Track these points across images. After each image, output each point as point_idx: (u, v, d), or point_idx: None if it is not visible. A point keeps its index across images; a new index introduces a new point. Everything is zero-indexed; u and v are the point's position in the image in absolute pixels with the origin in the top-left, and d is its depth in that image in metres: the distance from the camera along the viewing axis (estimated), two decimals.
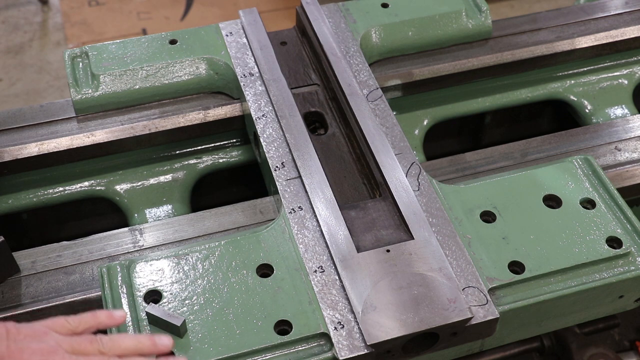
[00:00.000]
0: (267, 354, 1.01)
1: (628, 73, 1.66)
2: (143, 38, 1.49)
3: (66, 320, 0.99)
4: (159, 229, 1.28)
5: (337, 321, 1.02)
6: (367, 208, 1.17)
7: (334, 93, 1.38)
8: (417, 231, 1.12)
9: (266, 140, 1.28)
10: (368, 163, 1.25)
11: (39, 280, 1.21)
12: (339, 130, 1.33)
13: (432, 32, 1.56)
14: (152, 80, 1.43)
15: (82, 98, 1.41)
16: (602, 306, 1.16)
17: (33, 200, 1.42)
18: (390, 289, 1.04)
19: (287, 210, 1.16)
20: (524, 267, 1.09)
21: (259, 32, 1.48)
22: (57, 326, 0.98)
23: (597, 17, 1.66)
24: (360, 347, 0.99)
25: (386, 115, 1.32)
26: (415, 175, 1.22)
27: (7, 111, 1.46)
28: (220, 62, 1.44)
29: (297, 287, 1.07)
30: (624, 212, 1.17)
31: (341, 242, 1.10)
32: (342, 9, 1.55)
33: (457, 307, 1.02)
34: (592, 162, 1.24)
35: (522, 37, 1.61)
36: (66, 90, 3.11)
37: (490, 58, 1.56)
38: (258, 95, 1.36)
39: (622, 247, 1.12)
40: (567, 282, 1.09)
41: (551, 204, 1.18)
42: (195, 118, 1.43)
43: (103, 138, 1.39)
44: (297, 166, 1.22)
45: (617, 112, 1.61)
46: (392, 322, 1.00)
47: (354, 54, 1.44)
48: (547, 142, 1.47)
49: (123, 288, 1.07)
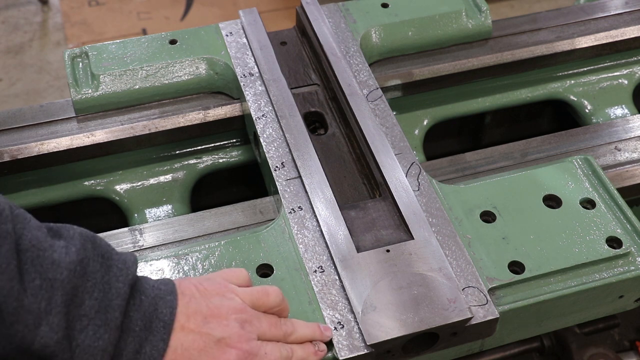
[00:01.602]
0: None
1: (628, 73, 1.66)
2: (143, 38, 1.49)
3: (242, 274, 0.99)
4: (159, 229, 1.28)
5: (337, 321, 1.02)
6: (367, 208, 1.17)
7: (334, 93, 1.38)
8: (417, 231, 1.12)
9: (266, 140, 1.28)
10: (368, 163, 1.25)
11: None
12: (339, 130, 1.33)
13: (432, 32, 1.56)
14: (152, 80, 1.43)
15: (82, 98, 1.41)
16: (602, 306, 1.16)
17: (33, 200, 1.42)
18: (390, 289, 1.04)
19: (287, 210, 1.16)
20: (524, 267, 1.09)
21: (259, 32, 1.48)
22: (233, 278, 0.97)
23: (597, 17, 1.66)
24: (360, 347, 0.99)
25: (386, 115, 1.32)
26: (415, 175, 1.22)
27: (7, 111, 1.46)
28: (220, 62, 1.44)
29: (297, 287, 1.07)
30: (624, 212, 1.17)
31: (341, 242, 1.10)
32: (342, 9, 1.55)
33: (457, 307, 1.02)
34: (592, 162, 1.24)
35: (522, 37, 1.61)
36: (66, 90, 3.10)
37: (490, 58, 1.56)
38: (258, 95, 1.36)
39: (622, 247, 1.12)
40: (567, 282, 1.09)
41: (551, 204, 1.18)
42: (195, 118, 1.43)
43: (103, 138, 1.39)
44: (297, 166, 1.22)
45: (617, 112, 1.61)
46: (392, 322, 1.00)
47: (354, 54, 1.44)
48: (547, 142, 1.47)
49: None
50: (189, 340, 0.86)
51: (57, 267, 0.79)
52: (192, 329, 0.86)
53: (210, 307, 0.89)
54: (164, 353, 0.84)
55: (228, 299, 0.92)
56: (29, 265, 0.77)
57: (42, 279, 0.78)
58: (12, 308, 0.75)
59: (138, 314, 0.84)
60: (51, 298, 0.78)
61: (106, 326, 0.81)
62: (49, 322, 0.77)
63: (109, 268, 0.84)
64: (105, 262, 0.84)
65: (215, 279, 0.95)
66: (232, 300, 0.92)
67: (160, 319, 0.85)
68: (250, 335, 0.90)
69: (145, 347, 0.84)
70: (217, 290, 0.93)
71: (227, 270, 0.99)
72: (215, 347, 0.87)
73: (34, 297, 0.77)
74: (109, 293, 0.82)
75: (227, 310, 0.90)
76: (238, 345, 0.88)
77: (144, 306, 0.85)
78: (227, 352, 0.87)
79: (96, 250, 0.84)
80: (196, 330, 0.86)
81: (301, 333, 0.98)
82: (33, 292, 0.77)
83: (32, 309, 0.76)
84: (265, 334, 0.93)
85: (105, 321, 0.81)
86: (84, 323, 0.80)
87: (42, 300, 0.77)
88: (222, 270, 0.99)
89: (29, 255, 0.78)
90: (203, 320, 0.87)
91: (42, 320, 0.77)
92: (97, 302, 0.81)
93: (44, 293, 0.77)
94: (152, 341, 0.84)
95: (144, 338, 0.84)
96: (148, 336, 0.84)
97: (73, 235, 0.83)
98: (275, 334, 0.95)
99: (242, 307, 0.92)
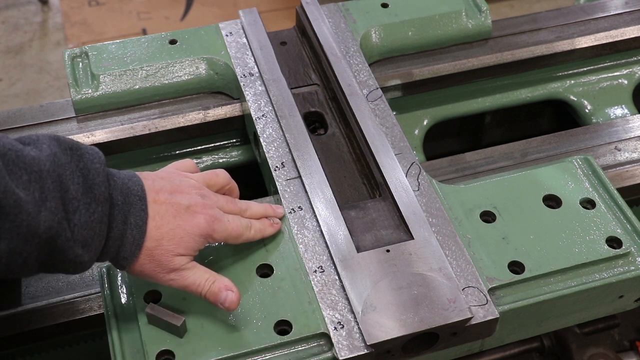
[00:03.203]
0: (266, 354, 1.01)
1: (628, 73, 1.66)
2: (143, 38, 1.49)
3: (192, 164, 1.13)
4: None
5: (337, 321, 1.02)
6: (367, 208, 1.17)
7: (334, 93, 1.38)
8: (417, 231, 1.12)
9: (266, 140, 1.28)
10: (368, 163, 1.25)
11: (39, 280, 1.21)
12: (339, 130, 1.33)
13: (432, 32, 1.56)
14: (152, 80, 1.43)
15: (82, 98, 1.41)
16: (602, 306, 1.16)
17: None
18: (390, 289, 1.04)
19: (287, 210, 1.16)
20: (523, 267, 1.09)
21: (259, 32, 1.48)
22: (182, 167, 1.11)
23: (597, 17, 1.66)
24: (360, 347, 0.99)
25: (386, 115, 1.32)
26: (415, 175, 1.22)
27: (7, 111, 1.46)
28: (220, 62, 1.44)
29: (297, 287, 1.07)
30: (624, 212, 1.17)
31: (341, 242, 1.10)
32: (342, 9, 1.55)
33: (457, 307, 1.02)
34: (592, 162, 1.24)
35: (522, 37, 1.61)
36: (66, 90, 3.10)
37: (490, 58, 1.56)
38: (258, 95, 1.36)
39: (622, 247, 1.12)
40: (567, 282, 1.09)
41: (551, 204, 1.18)
42: (195, 118, 1.43)
43: (103, 138, 1.39)
44: (297, 166, 1.22)
45: (617, 112, 1.61)
46: (392, 322, 1.00)
47: (354, 54, 1.44)
48: (547, 142, 1.47)
49: (123, 288, 1.07)
50: (162, 209, 0.99)
51: (39, 161, 0.87)
52: (163, 201, 1.00)
53: (173, 185, 1.03)
54: (146, 220, 0.97)
55: (186, 179, 1.05)
56: (12, 166, 0.85)
57: (28, 174, 0.86)
58: (12, 201, 0.82)
59: (116, 192, 0.95)
60: (43, 187, 0.86)
61: (96, 202, 0.91)
62: (47, 207, 0.86)
63: (80, 156, 0.93)
64: (75, 153, 0.93)
65: (168, 169, 1.09)
66: (189, 180, 1.06)
67: (134, 194, 0.97)
68: (212, 204, 1.04)
69: (130, 218, 0.96)
70: (173, 175, 1.06)
71: (176, 163, 1.12)
72: (186, 213, 1.00)
73: (27, 190, 0.85)
74: (88, 175, 0.92)
75: (187, 187, 1.04)
76: (204, 211, 1.02)
77: (119, 185, 0.96)
78: (197, 217, 1.01)
79: (62, 145, 0.92)
80: (166, 201, 1.00)
81: (255, 210, 1.12)
82: (25, 186, 0.85)
83: (28, 199, 0.84)
84: (223, 207, 1.06)
85: (94, 198, 0.91)
86: (74, 205, 0.90)
87: (34, 191, 0.85)
88: (171, 164, 1.12)
89: (10, 156, 0.85)
90: (169, 194, 1.01)
91: (40, 207, 0.85)
92: (81, 186, 0.91)
93: (35, 185, 0.86)
94: (134, 212, 0.96)
95: (127, 210, 0.96)
96: (130, 208, 0.96)
97: (37, 138, 0.92)
98: (232, 209, 1.08)
99: (199, 185, 1.06)
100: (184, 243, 0.99)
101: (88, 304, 1.18)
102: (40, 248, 0.87)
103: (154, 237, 0.97)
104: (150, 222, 0.98)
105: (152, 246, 0.97)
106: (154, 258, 0.98)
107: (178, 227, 0.99)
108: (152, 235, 0.97)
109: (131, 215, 0.96)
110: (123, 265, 0.98)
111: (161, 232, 0.98)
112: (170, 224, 0.99)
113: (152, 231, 0.98)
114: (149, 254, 0.98)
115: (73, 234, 0.89)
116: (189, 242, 1.00)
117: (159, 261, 0.98)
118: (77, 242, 0.90)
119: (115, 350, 1.00)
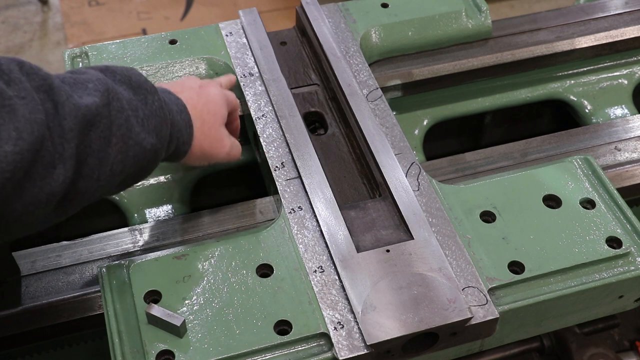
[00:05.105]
0: (266, 354, 1.01)
1: (628, 73, 1.66)
2: (143, 38, 1.49)
3: None
4: (158, 229, 1.28)
5: (337, 321, 1.02)
6: (367, 208, 1.17)
7: (334, 93, 1.38)
8: (417, 231, 1.12)
9: (266, 141, 1.28)
10: (368, 163, 1.25)
11: (39, 280, 1.21)
12: (338, 130, 1.33)
13: (432, 32, 1.56)
14: (152, 80, 1.43)
15: None
16: (602, 306, 1.16)
17: None
18: (390, 289, 1.04)
19: (287, 210, 1.16)
20: (523, 267, 1.09)
21: (259, 32, 1.48)
22: None
23: (597, 17, 1.66)
24: (360, 347, 0.99)
25: (386, 115, 1.32)
26: (415, 175, 1.22)
27: None
28: (220, 62, 1.44)
29: (297, 287, 1.07)
30: (623, 212, 1.17)
31: (341, 242, 1.10)
32: (342, 9, 1.55)
33: (457, 307, 1.02)
34: (592, 162, 1.24)
35: (522, 37, 1.61)
36: None
37: (490, 58, 1.56)
38: (258, 95, 1.36)
39: (622, 247, 1.12)
40: (567, 282, 1.09)
41: (551, 204, 1.18)
42: None
43: None
44: (297, 166, 1.22)
45: (617, 112, 1.61)
46: (392, 322, 1.00)
47: (353, 54, 1.44)
48: (547, 142, 1.47)
49: (123, 288, 1.07)
50: (186, 95, 1.15)
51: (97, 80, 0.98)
52: (181, 90, 1.16)
53: (178, 81, 1.24)
54: (184, 104, 1.12)
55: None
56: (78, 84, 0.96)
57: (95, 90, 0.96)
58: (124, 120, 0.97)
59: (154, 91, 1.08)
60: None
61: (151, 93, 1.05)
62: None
63: (114, 72, 1.04)
64: (109, 70, 1.04)
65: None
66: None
67: (162, 90, 1.11)
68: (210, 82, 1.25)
69: (171, 106, 1.09)
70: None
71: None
72: (201, 90, 1.18)
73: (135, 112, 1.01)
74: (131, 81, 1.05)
75: (187, 77, 1.26)
76: (212, 84, 1.23)
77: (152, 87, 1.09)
78: (210, 89, 1.20)
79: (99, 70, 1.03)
80: (185, 88, 1.17)
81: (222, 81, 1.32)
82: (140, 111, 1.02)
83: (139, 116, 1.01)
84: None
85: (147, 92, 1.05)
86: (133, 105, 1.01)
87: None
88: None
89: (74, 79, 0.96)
90: (180, 85, 1.19)
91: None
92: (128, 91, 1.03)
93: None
94: (172, 99, 1.11)
95: (165, 100, 1.08)
96: (166, 98, 1.10)
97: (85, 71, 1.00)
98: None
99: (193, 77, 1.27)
100: (220, 112, 1.16)
101: (88, 304, 1.18)
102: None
103: (196, 115, 1.11)
104: (187, 104, 1.11)
105: (199, 124, 1.12)
106: (206, 134, 1.12)
107: (207, 101, 1.14)
108: (194, 115, 1.11)
109: (171, 103, 1.08)
110: (185, 150, 1.10)
111: (198, 110, 1.12)
112: (200, 101, 1.14)
113: (193, 111, 1.11)
114: (201, 132, 1.11)
115: (144, 127, 0.99)
116: (221, 110, 1.16)
117: (211, 136, 1.13)
118: (150, 132, 1.00)
119: (115, 350, 1.00)
